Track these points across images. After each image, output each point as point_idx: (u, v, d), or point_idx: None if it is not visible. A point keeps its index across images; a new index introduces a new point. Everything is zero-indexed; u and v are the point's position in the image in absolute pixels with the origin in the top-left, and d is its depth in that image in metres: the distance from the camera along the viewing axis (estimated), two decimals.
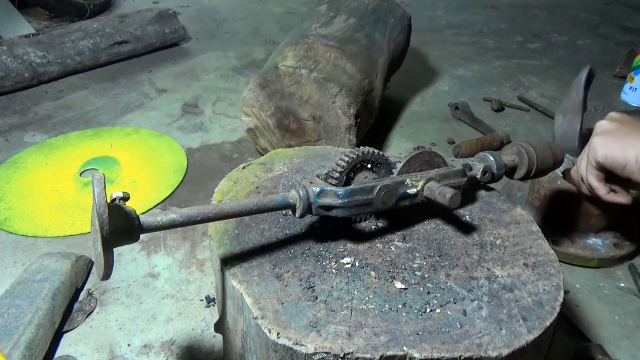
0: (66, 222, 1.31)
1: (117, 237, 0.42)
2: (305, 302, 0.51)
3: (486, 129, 1.78)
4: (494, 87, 2.19)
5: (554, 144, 0.76)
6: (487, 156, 0.71)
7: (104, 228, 0.39)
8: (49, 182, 1.47)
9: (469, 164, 0.70)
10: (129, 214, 0.43)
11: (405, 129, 1.83)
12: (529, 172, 0.72)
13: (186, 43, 2.56)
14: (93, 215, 0.43)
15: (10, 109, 1.88)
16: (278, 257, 0.57)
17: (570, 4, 3.46)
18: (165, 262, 1.20)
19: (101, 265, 0.41)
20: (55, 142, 1.68)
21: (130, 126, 1.79)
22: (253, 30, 2.80)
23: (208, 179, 1.51)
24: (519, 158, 0.72)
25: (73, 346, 1.00)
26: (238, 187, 0.69)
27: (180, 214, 0.47)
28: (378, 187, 0.57)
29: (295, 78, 1.36)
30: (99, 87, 2.08)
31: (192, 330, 1.03)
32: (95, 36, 2.18)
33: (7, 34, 2.31)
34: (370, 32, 1.66)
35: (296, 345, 0.46)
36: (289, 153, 0.78)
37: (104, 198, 0.40)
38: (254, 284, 0.53)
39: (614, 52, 2.58)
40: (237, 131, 1.78)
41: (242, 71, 2.27)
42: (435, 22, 3.03)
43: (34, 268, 1.07)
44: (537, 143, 0.73)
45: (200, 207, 0.49)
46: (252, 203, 0.51)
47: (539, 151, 0.72)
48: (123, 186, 1.46)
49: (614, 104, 2.04)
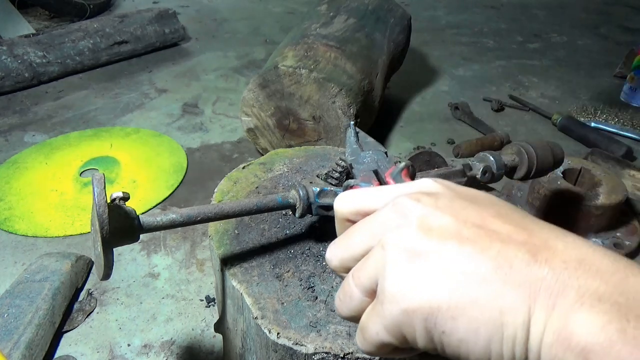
0: (66, 222, 1.31)
1: (117, 237, 0.42)
2: (305, 302, 0.51)
3: (486, 129, 1.78)
4: (494, 87, 2.19)
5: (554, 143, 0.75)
6: (487, 156, 0.71)
7: (104, 228, 0.39)
8: (49, 182, 1.47)
9: (469, 164, 0.70)
10: (129, 214, 0.43)
11: (405, 129, 1.83)
12: (529, 172, 0.72)
13: (186, 43, 2.56)
14: (93, 215, 0.42)
15: (10, 109, 1.88)
16: (278, 257, 0.57)
17: (570, 4, 3.46)
18: (165, 262, 1.20)
19: (101, 265, 0.41)
20: (55, 142, 1.68)
21: (130, 126, 1.79)
22: (253, 30, 2.80)
23: (208, 179, 1.51)
24: (519, 158, 0.72)
25: (73, 346, 1.00)
26: (238, 187, 0.69)
27: (180, 214, 0.47)
28: None
29: (295, 78, 1.36)
30: (99, 87, 2.08)
31: (192, 330, 1.03)
32: (95, 36, 2.18)
33: (7, 34, 2.31)
34: (370, 32, 1.66)
35: (296, 345, 0.46)
36: (289, 153, 0.78)
37: (104, 198, 0.40)
38: (254, 284, 0.53)
39: (614, 52, 2.58)
40: (237, 131, 1.78)
41: (242, 71, 2.27)
42: (435, 22, 3.03)
43: (34, 268, 1.07)
44: (537, 143, 0.73)
45: (200, 207, 0.49)
46: (252, 203, 0.51)
47: (539, 151, 0.72)
48: (123, 186, 1.46)
49: (614, 103, 2.04)
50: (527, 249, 0.29)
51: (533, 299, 0.27)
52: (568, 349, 0.26)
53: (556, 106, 2.01)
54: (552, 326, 0.27)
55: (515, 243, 0.30)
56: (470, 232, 0.31)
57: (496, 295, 0.28)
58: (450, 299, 0.29)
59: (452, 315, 0.29)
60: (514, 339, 0.28)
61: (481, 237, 0.30)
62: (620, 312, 0.25)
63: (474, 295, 0.29)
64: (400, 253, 0.31)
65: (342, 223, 0.40)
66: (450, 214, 0.32)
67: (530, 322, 0.27)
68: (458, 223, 0.31)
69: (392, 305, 0.31)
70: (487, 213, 0.32)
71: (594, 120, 1.86)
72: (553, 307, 0.27)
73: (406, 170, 0.50)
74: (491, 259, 0.29)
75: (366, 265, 0.33)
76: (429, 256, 0.30)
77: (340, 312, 0.36)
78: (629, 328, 0.25)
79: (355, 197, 0.38)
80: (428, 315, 0.29)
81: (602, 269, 0.28)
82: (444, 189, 0.35)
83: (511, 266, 0.28)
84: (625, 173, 1.42)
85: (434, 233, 0.31)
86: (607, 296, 0.26)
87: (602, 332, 0.25)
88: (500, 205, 0.34)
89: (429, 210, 0.32)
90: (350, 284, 0.34)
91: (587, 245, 0.30)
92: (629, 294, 0.26)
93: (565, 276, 0.27)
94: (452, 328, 0.29)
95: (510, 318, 0.28)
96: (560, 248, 0.29)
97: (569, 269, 0.28)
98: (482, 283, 0.29)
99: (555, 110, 1.91)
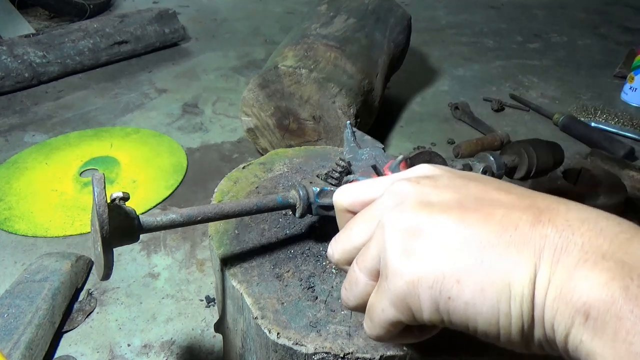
0: (66, 222, 1.31)
1: (117, 237, 0.42)
2: (305, 302, 0.51)
3: (486, 129, 1.78)
4: (494, 87, 2.19)
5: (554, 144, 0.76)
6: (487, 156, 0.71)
7: (104, 228, 0.39)
8: (49, 182, 1.47)
9: (469, 164, 0.70)
10: (129, 214, 0.43)
11: (405, 129, 1.83)
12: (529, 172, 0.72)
13: (186, 43, 2.56)
14: (93, 216, 0.42)
15: (10, 109, 1.88)
16: (278, 257, 0.57)
17: (570, 4, 3.46)
18: (165, 262, 1.20)
19: (101, 265, 0.41)
20: (55, 142, 1.68)
21: (130, 126, 1.79)
22: (253, 30, 2.80)
23: (208, 179, 1.51)
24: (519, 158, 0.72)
25: (73, 346, 1.00)
26: (238, 187, 0.69)
27: (180, 214, 0.47)
28: None
29: (295, 78, 1.36)
30: (99, 87, 2.08)
31: (192, 330, 1.03)
32: (95, 36, 2.18)
33: (7, 34, 2.31)
34: (370, 32, 1.66)
35: (296, 345, 0.46)
36: (289, 153, 0.78)
37: (104, 198, 0.40)
38: (254, 284, 0.53)
39: (614, 52, 2.58)
40: (237, 131, 1.78)
41: (242, 71, 2.27)
42: (435, 22, 3.03)
43: (34, 268, 1.07)
44: (537, 143, 0.73)
45: (200, 207, 0.49)
46: (252, 203, 0.51)
47: (539, 151, 0.72)
48: (123, 186, 1.46)
49: (614, 104, 2.04)
50: (531, 212, 0.29)
51: (538, 256, 0.28)
52: (570, 303, 0.26)
53: (556, 106, 2.01)
54: (556, 281, 0.27)
55: (519, 208, 0.30)
56: (472, 204, 0.31)
57: (501, 255, 0.28)
58: (455, 264, 0.29)
59: (457, 279, 0.29)
60: (522, 296, 0.28)
61: (484, 206, 0.31)
62: (623, 270, 0.25)
63: (479, 258, 0.29)
64: (400, 229, 0.31)
65: (342, 215, 0.40)
66: (451, 190, 0.32)
67: (536, 278, 0.27)
68: (460, 196, 0.32)
69: (395, 278, 0.31)
70: (489, 187, 0.33)
71: (594, 120, 1.86)
72: (557, 263, 0.27)
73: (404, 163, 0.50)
74: (495, 223, 0.29)
75: (368, 248, 0.33)
76: (430, 228, 0.30)
77: (347, 302, 0.36)
78: (632, 286, 0.24)
79: (354, 188, 0.39)
80: (433, 282, 0.29)
81: (607, 229, 0.28)
82: (443, 171, 0.36)
83: (516, 228, 0.29)
84: (625, 173, 1.42)
85: (435, 207, 0.31)
86: (611, 254, 0.26)
87: (604, 289, 0.25)
88: (501, 182, 0.34)
89: (427, 189, 0.33)
90: (355, 270, 0.34)
91: (591, 209, 0.30)
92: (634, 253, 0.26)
93: (568, 233, 0.28)
94: (458, 292, 0.29)
95: (517, 276, 0.28)
96: (563, 210, 0.29)
97: (572, 227, 0.28)
98: (487, 246, 0.29)
99: (555, 110, 1.91)
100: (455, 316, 0.29)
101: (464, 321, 0.29)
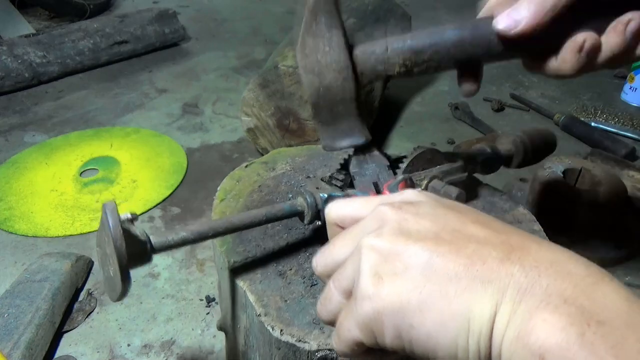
0: (66, 222, 1.31)
1: (131, 262, 0.42)
2: (308, 299, 0.51)
3: (486, 129, 1.78)
4: (494, 87, 2.19)
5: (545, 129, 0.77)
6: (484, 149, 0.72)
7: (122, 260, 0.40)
8: (49, 182, 1.46)
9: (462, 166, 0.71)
10: (141, 237, 0.43)
11: (405, 129, 1.83)
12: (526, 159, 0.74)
13: (186, 43, 2.56)
14: (101, 238, 0.43)
15: (10, 109, 1.88)
16: (281, 255, 0.57)
17: None
18: (165, 262, 1.20)
19: (115, 288, 0.42)
20: (55, 142, 1.67)
21: (130, 126, 1.79)
22: (253, 30, 2.80)
23: (208, 179, 1.50)
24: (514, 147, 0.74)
25: (73, 346, 0.99)
26: (240, 185, 0.69)
27: (191, 231, 0.47)
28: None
29: (295, 78, 1.36)
30: (99, 87, 2.08)
31: (192, 330, 1.03)
32: (95, 36, 2.18)
33: (7, 34, 2.30)
34: (370, 32, 1.66)
35: (299, 342, 0.46)
36: (291, 152, 0.78)
37: (120, 231, 0.40)
38: (257, 281, 0.53)
39: None
40: (237, 131, 1.77)
41: (242, 71, 2.27)
42: (435, 22, 3.03)
43: (34, 268, 1.07)
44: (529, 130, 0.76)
45: (209, 222, 0.48)
46: (261, 214, 0.51)
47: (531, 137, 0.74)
48: (123, 186, 1.46)
49: (614, 103, 2.04)
50: (502, 248, 0.29)
51: (501, 293, 0.27)
52: (527, 346, 0.26)
53: (556, 106, 2.01)
54: (515, 322, 0.27)
55: (491, 244, 0.30)
56: (448, 235, 0.31)
57: (465, 289, 0.28)
58: (420, 293, 0.29)
59: (420, 308, 0.29)
60: (479, 333, 0.28)
61: (458, 239, 0.31)
62: (582, 316, 0.25)
63: (443, 290, 0.29)
64: (374, 254, 0.32)
65: (332, 228, 0.41)
66: (429, 220, 0.33)
67: (496, 317, 0.27)
68: (437, 227, 0.32)
69: (364, 302, 0.31)
70: (467, 219, 0.33)
71: (594, 120, 1.86)
72: (519, 303, 0.27)
73: (403, 183, 0.51)
74: (465, 257, 0.29)
75: (345, 268, 0.34)
76: (403, 255, 0.31)
77: (321, 315, 0.37)
78: (588, 332, 0.24)
79: (346, 204, 0.40)
80: (398, 309, 0.30)
81: (574, 272, 0.27)
82: (427, 198, 0.36)
83: (484, 262, 0.29)
84: (625, 173, 1.42)
85: (411, 236, 0.32)
86: (574, 299, 0.26)
87: (561, 334, 0.25)
88: (480, 214, 0.34)
89: (408, 216, 0.33)
90: (331, 287, 0.35)
91: (562, 250, 0.30)
92: (596, 299, 0.26)
93: (535, 274, 0.27)
94: (420, 321, 0.29)
95: (477, 312, 0.28)
96: (535, 249, 0.29)
97: (539, 268, 0.28)
98: (453, 279, 0.29)
99: (556, 110, 1.91)
100: (417, 346, 0.30)
101: (424, 351, 0.30)
